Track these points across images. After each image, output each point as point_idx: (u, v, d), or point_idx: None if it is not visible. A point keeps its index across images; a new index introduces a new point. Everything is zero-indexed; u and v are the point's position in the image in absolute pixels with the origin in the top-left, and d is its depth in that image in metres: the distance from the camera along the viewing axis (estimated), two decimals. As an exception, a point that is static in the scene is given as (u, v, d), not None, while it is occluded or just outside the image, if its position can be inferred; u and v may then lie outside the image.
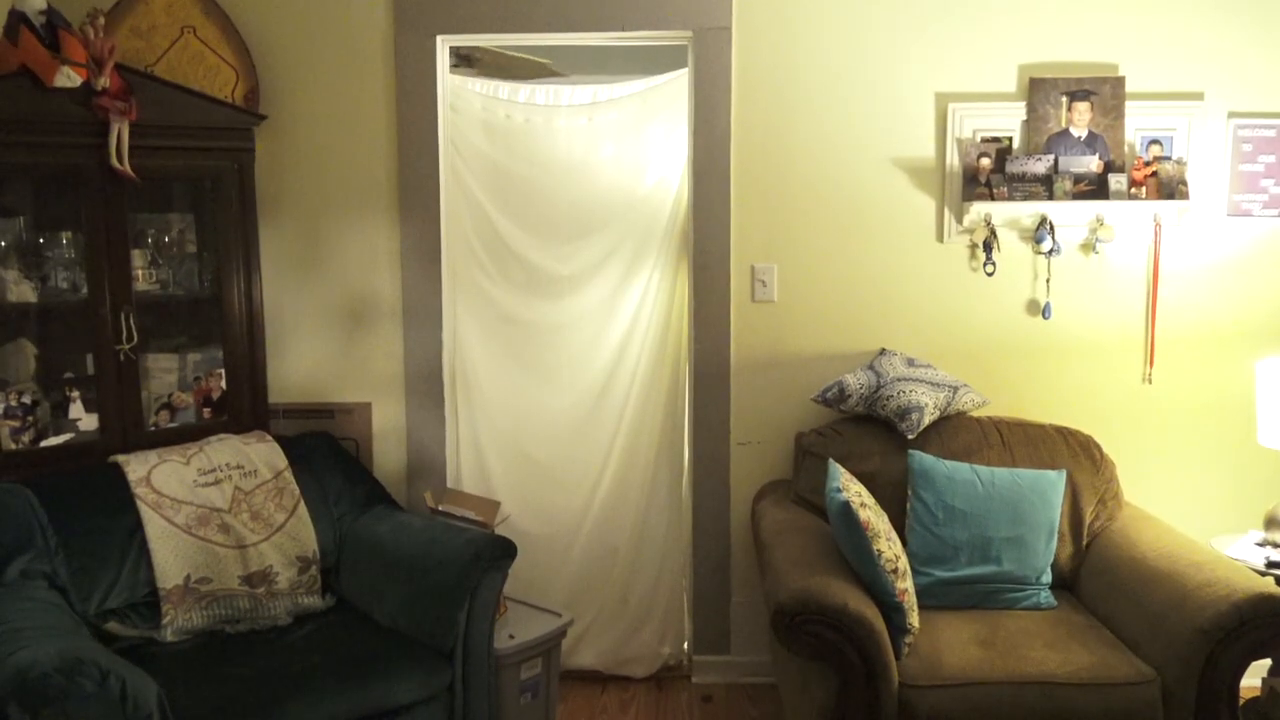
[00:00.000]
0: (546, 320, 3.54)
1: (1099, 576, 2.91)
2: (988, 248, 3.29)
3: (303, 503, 2.94)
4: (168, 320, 3.15)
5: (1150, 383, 3.36)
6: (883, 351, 3.30)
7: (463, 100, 3.46)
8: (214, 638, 2.69)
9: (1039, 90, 3.23)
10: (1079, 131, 3.23)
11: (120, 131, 2.77)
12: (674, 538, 3.59)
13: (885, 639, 2.47)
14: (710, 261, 3.35)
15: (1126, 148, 3.25)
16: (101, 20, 2.79)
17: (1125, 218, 3.28)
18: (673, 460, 3.57)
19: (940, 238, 3.32)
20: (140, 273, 2.96)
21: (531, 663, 2.98)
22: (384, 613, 2.80)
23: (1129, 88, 3.22)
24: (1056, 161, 3.20)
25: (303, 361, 3.39)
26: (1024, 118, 3.26)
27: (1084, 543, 3.02)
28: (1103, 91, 3.22)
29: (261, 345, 3.21)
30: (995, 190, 3.19)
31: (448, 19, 3.27)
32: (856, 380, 3.15)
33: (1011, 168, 3.20)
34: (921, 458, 2.98)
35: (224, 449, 2.93)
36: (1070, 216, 3.26)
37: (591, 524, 3.57)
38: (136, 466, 2.76)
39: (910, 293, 3.35)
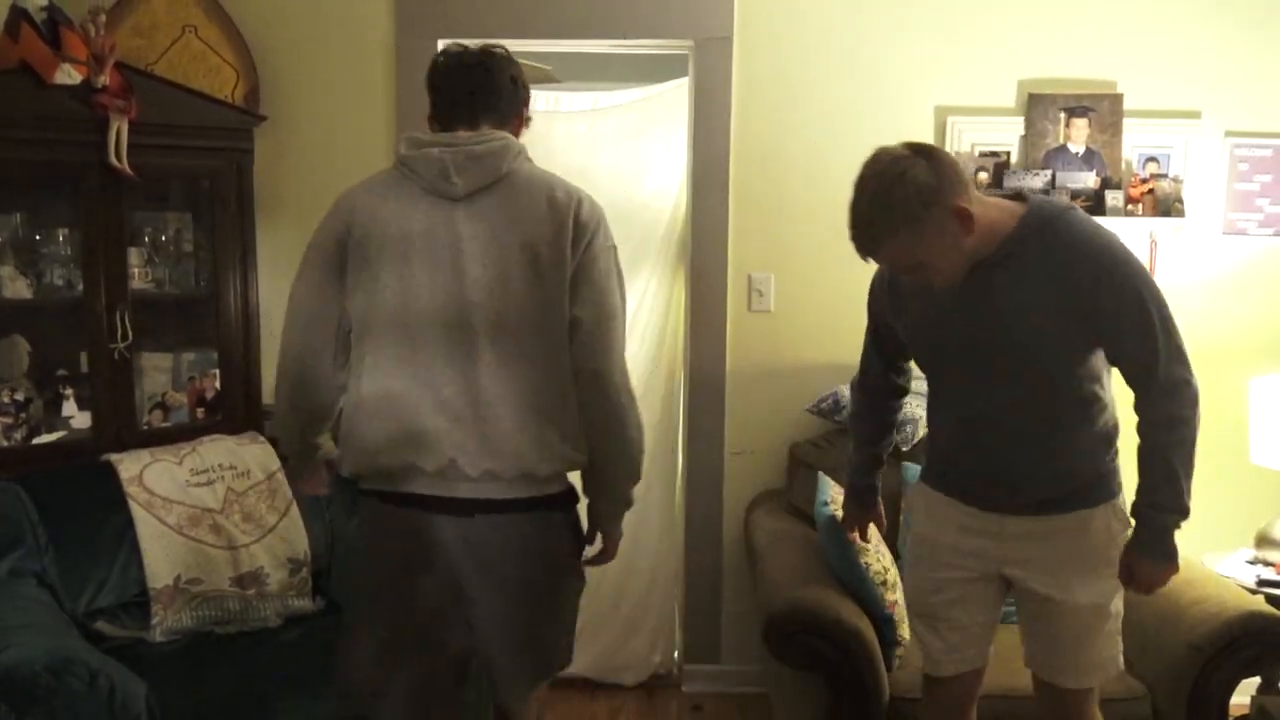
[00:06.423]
0: (543, 326, 3.52)
1: (1090, 592, 2.90)
2: (984, 261, 3.29)
3: (295, 505, 2.93)
4: (163, 319, 3.14)
5: (1144, 399, 3.36)
6: (878, 363, 3.29)
7: (463, 105, 3.45)
8: (203, 639, 2.67)
9: (1038, 105, 3.24)
10: (1077, 147, 3.24)
11: (119, 129, 2.76)
12: (667, 546, 3.58)
13: (877, 652, 2.47)
14: (707, 270, 3.35)
15: (1124, 164, 3.26)
16: (103, 18, 2.78)
17: (1121, 234, 3.26)
18: (667, 468, 3.57)
19: (937, 251, 3.32)
20: (136, 271, 2.95)
21: (522, 669, 2.96)
22: (375, 616, 2.79)
23: (1127, 105, 3.24)
24: (1054, 177, 3.21)
25: (297, 363, 3.37)
26: (1022, 132, 3.27)
27: (1076, 558, 3.02)
28: (1101, 108, 3.24)
29: (256, 346, 3.19)
30: (993, 204, 3.20)
31: (449, 23, 3.26)
32: (852, 391, 3.15)
33: (1009, 182, 3.21)
34: (915, 469, 2.97)
35: (217, 449, 2.91)
36: (1067, 232, 3.26)
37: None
38: (129, 465, 2.75)
39: (906, 305, 3.34)
